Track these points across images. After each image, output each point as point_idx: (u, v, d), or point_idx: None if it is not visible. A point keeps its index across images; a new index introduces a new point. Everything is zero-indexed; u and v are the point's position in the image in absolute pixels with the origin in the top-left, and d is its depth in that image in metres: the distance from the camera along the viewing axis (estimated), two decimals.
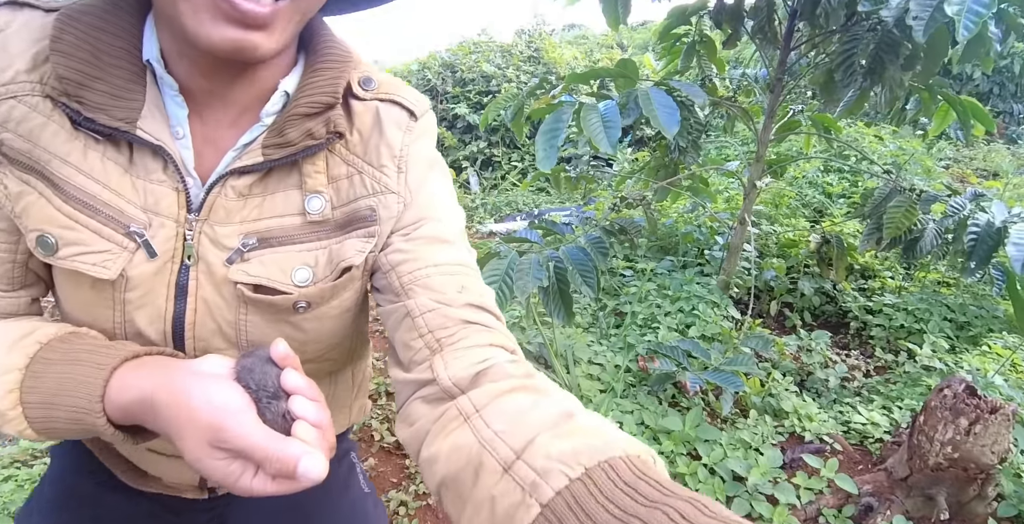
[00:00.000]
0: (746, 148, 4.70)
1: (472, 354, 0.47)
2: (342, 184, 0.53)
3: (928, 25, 1.14)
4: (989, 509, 1.21)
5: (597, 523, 0.31)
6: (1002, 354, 1.79)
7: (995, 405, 1.13)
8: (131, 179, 0.50)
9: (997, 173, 5.29)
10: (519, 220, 4.30)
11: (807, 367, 1.85)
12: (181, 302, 0.52)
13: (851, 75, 1.50)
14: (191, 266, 0.51)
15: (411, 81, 6.09)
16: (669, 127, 1.29)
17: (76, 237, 0.49)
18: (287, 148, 0.50)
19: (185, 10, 0.42)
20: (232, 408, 0.41)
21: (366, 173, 0.54)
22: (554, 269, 1.40)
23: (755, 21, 1.73)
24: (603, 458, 0.34)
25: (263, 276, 0.52)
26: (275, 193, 0.52)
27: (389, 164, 0.54)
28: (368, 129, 0.54)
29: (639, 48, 8.94)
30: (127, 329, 0.53)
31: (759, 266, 2.30)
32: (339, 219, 0.53)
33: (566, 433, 0.38)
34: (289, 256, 0.52)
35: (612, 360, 1.76)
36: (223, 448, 0.40)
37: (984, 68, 1.54)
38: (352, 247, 0.53)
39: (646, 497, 0.32)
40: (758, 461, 1.34)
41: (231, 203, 0.51)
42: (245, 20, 0.42)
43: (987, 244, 1.48)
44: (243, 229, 0.52)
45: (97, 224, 0.49)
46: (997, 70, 6.89)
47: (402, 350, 0.51)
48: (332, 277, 0.53)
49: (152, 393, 0.43)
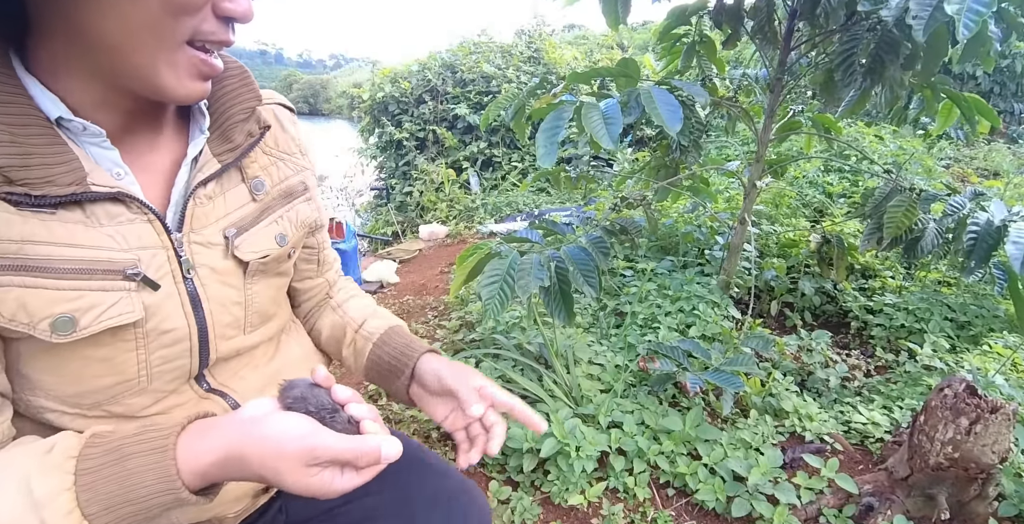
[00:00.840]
0: (746, 148, 4.70)
1: (340, 287, 0.87)
2: (271, 170, 0.68)
3: (928, 24, 1.14)
4: (990, 509, 1.21)
5: (388, 343, 0.77)
6: (1003, 354, 1.79)
7: (996, 405, 1.13)
8: (98, 230, 0.52)
9: (998, 172, 5.29)
10: (519, 220, 4.30)
11: (808, 367, 1.85)
12: (199, 311, 0.60)
13: (851, 75, 1.50)
14: (192, 277, 0.59)
15: (411, 82, 6.09)
16: (672, 124, 1.29)
17: (89, 302, 0.51)
18: (236, 150, 0.62)
19: (167, 74, 0.50)
20: (309, 431, 0.49)
21: (284, 160, 0.70)
22: (555, 269, 1.40)
23: (755, 21, 1.72)
24: (390, 325, 0.80)
25: (264, 248, 0.66)
26: (229, 190, 0.63)
27: (296, 151, 0.72)
28: (274, 127, 0.70)
29: (639, 48, 8.95)
30: (151, 366, 0.58)
31: (759, 266, 2.29)
32: (277, 194, 0.68)
33: (374, 317, 0.83)
34: (263, 230, 0.66)
35: (612, 360, 1.76)
36: (317, 464, 0.48)
37: (985, 67, 1.54)
38: (304, 211, 0.72)
39: (405, 338, 0.79)
40: (758, 461, 1.34)
41: (205, 208, 0.60)
42: (212, 75, 0.53)
43: (987, 243, 1.48)
44: (221, 225, 0.61)
45: (98, 282, 0.52)
46: (998, 69, 6.89)
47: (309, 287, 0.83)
48: (302, 232, 0.72)
49: (236, 449, 0.48)
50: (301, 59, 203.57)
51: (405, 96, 6.12)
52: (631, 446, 1.41)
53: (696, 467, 1.37)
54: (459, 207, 4.99)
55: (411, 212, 5.63)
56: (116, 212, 0.53)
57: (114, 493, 0.46)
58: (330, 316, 0.83)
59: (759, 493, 1.29)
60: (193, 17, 0.49)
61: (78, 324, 0.51)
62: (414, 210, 5.60)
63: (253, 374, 0.70)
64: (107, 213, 0.53)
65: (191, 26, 0.49)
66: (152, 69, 0.49)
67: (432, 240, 4.29)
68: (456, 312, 2.39)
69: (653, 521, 1.30)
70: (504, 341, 1.89)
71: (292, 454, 0.47)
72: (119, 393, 0.57)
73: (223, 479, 0.49)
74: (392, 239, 5.07)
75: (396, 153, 6.20)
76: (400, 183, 6.05)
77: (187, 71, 0.51)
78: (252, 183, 0.65)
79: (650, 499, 1.35)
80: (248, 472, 0.48)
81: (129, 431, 0.49)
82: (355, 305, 0.84)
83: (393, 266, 3.47)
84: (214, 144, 0.61)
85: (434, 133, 5.97)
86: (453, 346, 2.05)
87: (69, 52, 0.49)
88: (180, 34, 0.49)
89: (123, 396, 0.57)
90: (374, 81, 6.38)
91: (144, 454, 0.47)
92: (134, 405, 0.58)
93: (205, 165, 0.60)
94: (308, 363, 0.78)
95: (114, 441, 0.48)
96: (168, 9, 0.47)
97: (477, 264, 1.43)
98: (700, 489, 1.32)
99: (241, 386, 0.69)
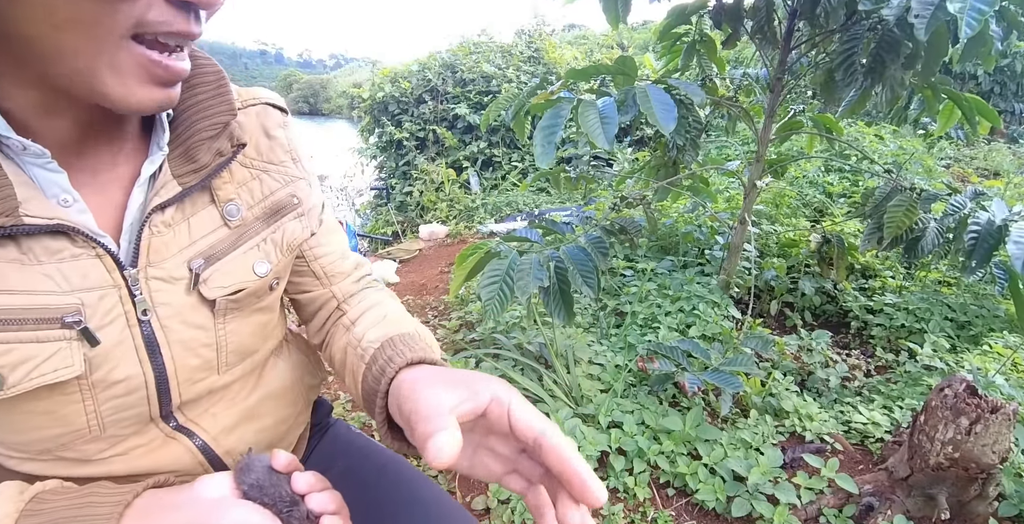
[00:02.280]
0: (747, 148, 4.70)
1: (360, 299, 0.70)
2: (252, 185, 0.58)
3: (930, 23, 1.14)
4: (990, 509, 1.21)
5: (378, 360, 0.56)
6: (1003, 353, 1.79)
7: (996, 405, 1.13)
8: (34, 270, 0.44)
9: (998, 172, 5.28)
10: (519, 220, 4.29)
11: (808, 367, 1.85)
12: (156, 357, 0.52)
13: (851, 74, 1.50)
14: (150, 319, 0.51)
15: (411, 81, 6.09)
16: (666, 124, 1.29)
17: (20, 357, 0.44)
18: (201, 171, 0.52)
19: (109, 79, 0.40)
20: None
21: (270, 171, 0.60)
22: (555, 269, 1.40)
23: (754, 21, 1.72)
24: (392, 334, 0.59)
25: (236, 282, 0.56)
26: (195, 214, 0.54)
27: (286, 158, 0.61)
28: (256, 134, 0.59)
29: (639, 48, 8.95)
30: (102, 416, 0.51)
31: (759, 266, 2.29)
32: (260, 214, 0.58)
33: (379, 326, 0.63)
34: (239, 259, 0.56)
35: (612, 360, 1.76)
36: None
37: (985, 67, 1.54)
38: (293, 230, 0.61)
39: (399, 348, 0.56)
40: (759, 461, 1.34)
41: (164, 238, 0.51)
42: (172, 80, 0.43)
43: (988, 243, 1.48)
44: (185, 256, 0.52)
45: (30, 333, 0.44)
46: (998, 69, 6.89)
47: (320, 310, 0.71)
48: (290, 257, 0.62)
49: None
50: (301, 59, 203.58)
51: (405, 96, 6.12)
52: (631, 446, 1.41)
53: (696, 467, 1.37)
54: (459, 207, 4.99)
55: (411, 212, 5.63)
56: (57, 247, 0.45)
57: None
58: (343, 337, 0.65)
59: (759, 493, 1.29)
60: (132, 3, 0.38)
61: (5, 382, 0.44)
62: (414, 210, 5.60)
63: (227, 411, 0.62)
64: (46, 249, 0.45)
65: (132, 15, 0.39)
66: (90, 73, 0.40)
67: (432, 240, 4.29)
68: (456, 312, 2.39)
69: (653, 521, 1.30)
70: (504, 341, 1.89)
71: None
72: (69, 441, 0.51)
73: None
74: (392, 239, 5.07)
75: (396, 153, 6.20)
76: (400, 183, 6.06)
77: (134, 74, 0.41)
78: (225, 208, 0.55)
79: (650, 499, 1.35)
80: None
81: (72, 498, 0.44)
82: (367, 320, 0.65)
83: (393, 266, 3.47)
84: (175, 163, 0.51)
85: (434, 133, 5.97)
86: (453, 346, 2.05)
87: (1, 55, 0.40)
88: (119, 25, 0.39)
89: (74, 444, 0.52)
90: (374, 81, 6.39)
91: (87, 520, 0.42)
92: (88, 451, 0.53)
93: (163, 188, 0.50)
94: (292, 394, 0.69)
95: (56, 509, 0.43)
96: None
97: (477, 264, 1.43)
98: (700, 489, 1.32)
99: (211, 424, 0.60)
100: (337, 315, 0.69)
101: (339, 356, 0.65)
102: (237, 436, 0.63)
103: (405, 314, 0.68)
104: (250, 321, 0.59)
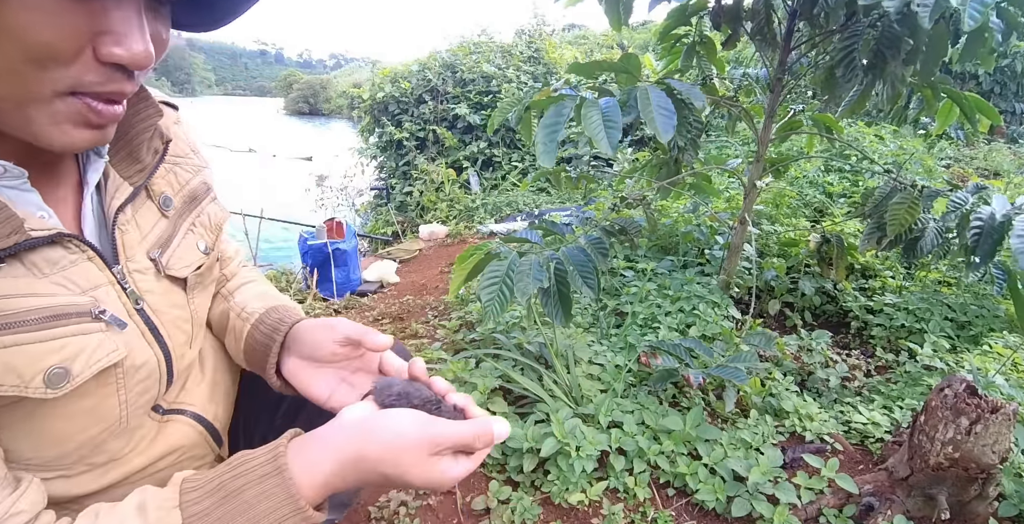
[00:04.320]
0: (747, 148, 4.70)
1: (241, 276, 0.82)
2: (169, 178, 0.64)
3: (933, 10, 1.14)
4: (990, 509, 1.21)
5: (265, 321, 0.70)
6: (1003, 353, 1.79)
7: (996, 405, 1.13)
8: (45, 282, 0.48)
9: (998, 172, 5.29)
10: (519, 220, 4.30)
11: (808, 367, 1.85)
12: (160, 339, 0.58)
13: (852, 70, 1.49)
14: (143, 307, 0.57)
15: (411, 81, 6.09)
16: (664, 131, 1.27)
17: (74, 350, 0.48)
18: (145, 170, 0.59)
19: (43, 125, 0.42)
20: (425, 421, 0.50)
21: (181, 164, 0.66)
22: (554, 270, 1.40)
23: (754, 22, 1.72)
24: (273, 305, 0.73)
25: (192, 261, 0.64)
26: (139, 209, 0.59)
27: (188, 151, 0.68)
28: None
29: (639, 48, 8.95)
30: (129, 405, 0.56)
31: (759, 266, 2.29)
32: (183, 202, 0.65)
33: (260, 299, 0.76)
34: (184, 243, 0.64)
35: (613, 360, 1.76)
36: (438, 452, 0.48)
37: (985, 67, 1.54)
38: (214, 212, 0.70)
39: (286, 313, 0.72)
40: (759, 461, 1.34)
41: (130, 236, 0.57)
42: (106, 123, 0.45)
43: (992, 237, 1.47)
44: (143, 248, 0.59)
45: (75, 327, 0.49)
46: (999, 69, 6.89)
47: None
48: (217, 235, 0.71)
49: (353, 452, 0.47)
50: (301, 59, 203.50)
51: (405, 96, 6.12)
52: (631, 446, 1.41)
53: (696, 467, 1.37)
54: (459, 207, 4.99)
55: (411, 212, 5.63)
56: (56, 257, 0.49)
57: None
58: (220, 305, 0.78)
59: (759, 493, 1.29)
60: (67, 67, 0.40)
61: (71, 373, 0.47)
62: (414, 210, 5.60)
63: (198, 386, 0.69)
64: (46, 260, 0.48)
65: (69, 76, 0.40)
66: (24, 119, 0.42)
67: (432, 240, 4.29)
68: (456, 312, 2.39)
69: (653, 521, 1.30)
70: (504, 341, 1.89)
71: (415, 445, 0.47)
72: (103, 441, 0.55)
73: (342, 487, 0.47)
74: (392, 239, 5.07)
75: (396, 153, 6.20)
76: (400, 183, 6.06)
77: (69, 120, 0.43)
78: (160, 199, 0.61)
79: (650, 499, 1.35)
80: (369, 473, 0.47)
81: (218, 470, 0.47)
82: (247, 291, 0.78)
83: (393, 266, 3.47)
84: (121, 166, 0.57)
85: (434, 133, 5.97)
86: (453, 346, 2.05)
87: None
88: (55, 84, 0.40)
89: (106, 443, 0.56)
90: (374, 81, 6.39)
91: (258, 481, 0.45)
92: (114, 449, 0.57)
93: (119, 190, 0.56)
94: (230, 357, 0.78)
95: (212, 480, 0.46)
96: (29, 57, 0.38)
97: (477, 264, 1.43)
98: (700, 489, 1.32)
99: (192, 398, 0.67)
100: (218, 288, 0.80)
101: (218, 320, 0.77)
102: (214, 403, 0.71)
103: (277, 291, 0.83)
104: (207, 294, 0.69)
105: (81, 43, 0.40)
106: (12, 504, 0.44)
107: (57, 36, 0.38)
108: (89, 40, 0.40)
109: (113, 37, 0.40)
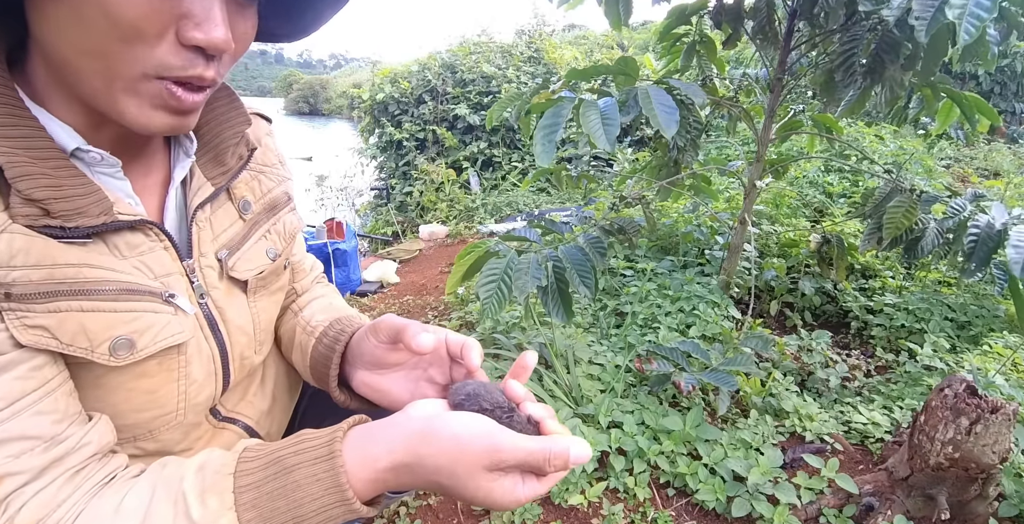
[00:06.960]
0: (747, 148, 4.70)
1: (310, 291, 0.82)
2: (252, 185, 0.66)
3: (931, 25, 1.14)
4: (990, 509, 1.21)
5: (328, 334, 0.68)
6: (1003, 354, 1.79)
7: (996, 405, 1.13)
8: (126, 263, 0.51)
9: (998, 172, 5.28)
10: (519, 220, 4.29)
11: (808, 367, 1.85)
12: (218, 335, 0.60)
13: (851, 75, 1.50)
14: (207, 302, 0.59)
15: (411, 82, 6.09)
16: (668, 127, 1.28)
17: (145, 324, 0.51)
18: (228, 173, 0.61)
19: (128, 104, 0.44)
20: (492, 429, 0.44)
21: (266, 172, 0.68)
22: (553, 268, 1.40)
23: (754, 22, 1.72)
24: (338, 316, 0.72)
25: (258, 265, 0.65)
26: (218, 210, 0.62)
27: (276, 162, 0.71)
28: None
29: (639, 48, 8.94)
30: (188, 397, 0.57)
31: (759, 266, 2.29)
32: (262, 209, 0.67)
33: (325, 312, 0.74)
34: (254, 247, 0.65)
35: (612, 360, 1.76)
36: (500, 469, 0.43)
37: (985, 67, 1.53)
38: (290, 222, 0.71)
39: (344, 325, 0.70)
40: (759, 461, 1.34)
41: (205, 233, 0.59)
42: (187, 111, 0.47)
43: (987, 246, 1.48)
44: (214, 247, 0.60)
45: (148, 304, 0.52)
46: (999, 69, 6.90)
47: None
48: (290, 244, 0.72)
49: (410, 451, 0.43)
50: (301, 59, 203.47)
51: (405, 96, 6.12)
52: (631, 446, 1.41)
53: (696, 467, 1.37)
54: (459, 207, 4.99)
55: (411, 212, 5.63)
56: (136, 242, 0.52)
57: (279, 510, 0.43)
58: (289, 321, 0.77)
59: (759, 493, 1.29)
60: (152, 46, 0.42)
61: (136, 346, 0.50)
62: (414, 210, 5.60)
63: (258, 397, 0.70)
64: (127, 244, 0.51)
65: (154, 58, 0.42)
66: (111, 98, 0.44)
67: (432, 240, 4.29)
68: (456, 312, 2.39)
69: (653, 521, 1.30)
70: (504, 341, 1.89)
71: (474, 455, 0.42)
72: (156, 428, 0.56)
73: (396, 487, 0.45)
74: (392, 239, 5.07)
75: (396, 153, 6.20)
76: (400, 183, 6.06)
77: (151, 103, 0.45)
78: (240, 203, 0.64)
79: (650, 499, 1.35)
80: (422, 477, 0.44)
81: (280, 443, 0.47)
82: (315, 306, 0.78)
83: (393, 266, 3.47)
84: (206, 168, 0.60)
85: (434, 133, 5.97)
86: None
87: (49, 73, 0.46)
88: (142, 65, 0.42)
89: (159, 431, 0.57)
90: (374, 81, 6.39)
91: (309, 463, 0.44)
92: (167, 440, 0.58)
93: (200, 188, 0.59)
94: (293, 373, 0.78)
95: (271, 453, 0.45)
96: (116, 34, 0.40)
97: (475, 262, 1.43)
98: (700, 489, 1.32)
99: (250, 410, 0.69)
100: (288, 303, 0.80)
101: (287, 335, 0.77)
102: (270, 418, 0.72)
103: (347, 305, 0.81)
104: (273, 300, 0.69)
105: (165, 24, 0.42)
106: (84, 434, 0.47)
107: (143, 16, 0.40)
108: (172, 22, 0.42)
109: (194, 20, 0.42)
